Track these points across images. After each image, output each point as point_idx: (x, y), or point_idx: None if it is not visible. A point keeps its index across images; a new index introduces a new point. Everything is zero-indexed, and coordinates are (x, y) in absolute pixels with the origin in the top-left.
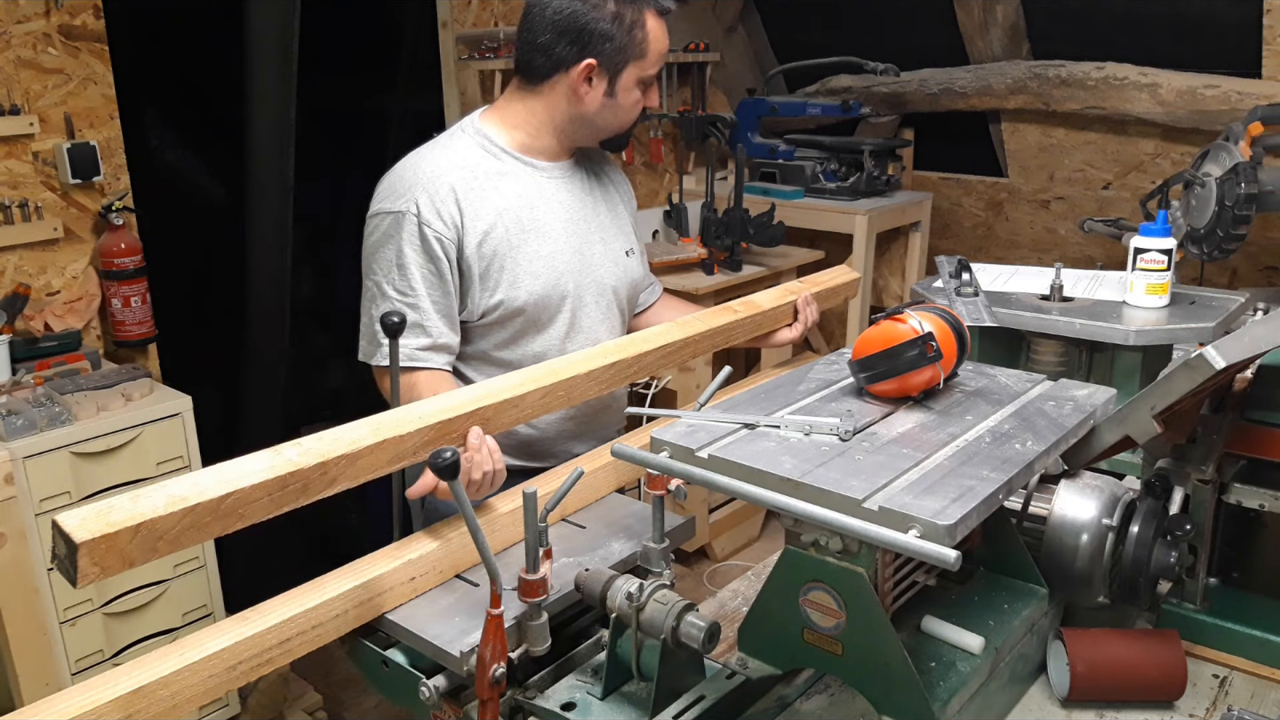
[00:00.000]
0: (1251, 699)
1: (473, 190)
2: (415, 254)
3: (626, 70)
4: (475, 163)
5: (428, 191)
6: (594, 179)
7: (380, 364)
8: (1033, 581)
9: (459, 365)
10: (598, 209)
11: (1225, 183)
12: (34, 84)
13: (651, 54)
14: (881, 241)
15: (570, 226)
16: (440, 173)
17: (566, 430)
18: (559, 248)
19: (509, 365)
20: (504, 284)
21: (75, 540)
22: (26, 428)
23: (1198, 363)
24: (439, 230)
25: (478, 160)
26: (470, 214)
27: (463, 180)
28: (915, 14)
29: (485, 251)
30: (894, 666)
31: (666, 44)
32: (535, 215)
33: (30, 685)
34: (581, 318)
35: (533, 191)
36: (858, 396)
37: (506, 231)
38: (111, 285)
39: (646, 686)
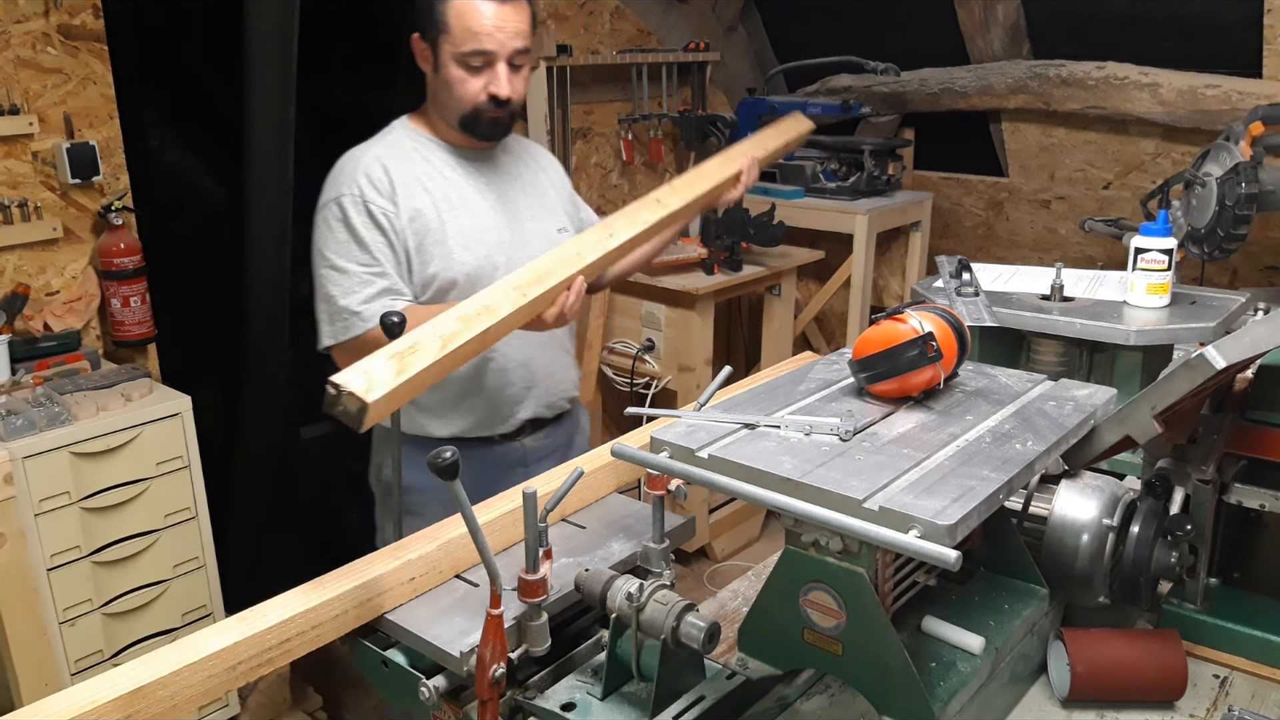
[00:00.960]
0: (1252, 699)
1: (403, 171)
2: (367, 230)
3: (441, 47)
4: (404, 151)
5: (365, 174)
6: (520, 164)
7: (354, 335)
8: (1033, 582)
9: None
10: (526, 190)
11: (1226, 182)
12: (33, 84)
13: (456, 30)
14: (882, 241)
15: (499, 205)
16: (373, 159)
17: (513, 395)
18: (489, 224)
19: None
20: (438, 256)
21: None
22: (26, 428)
23: (1198, 363)
24: (381, 205)
25: (407, 149)
26: (403, 192)
27: (393, 163)
28: (915, 14)
29: (419, 226)
30: (894, 667)
31: (483, 24)
32: (462, 194)
33: (30, 685)
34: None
35: (458, 173)
36: (858, 396)
37: (437, 208)
38: (111, 285)
39: (646, 687)
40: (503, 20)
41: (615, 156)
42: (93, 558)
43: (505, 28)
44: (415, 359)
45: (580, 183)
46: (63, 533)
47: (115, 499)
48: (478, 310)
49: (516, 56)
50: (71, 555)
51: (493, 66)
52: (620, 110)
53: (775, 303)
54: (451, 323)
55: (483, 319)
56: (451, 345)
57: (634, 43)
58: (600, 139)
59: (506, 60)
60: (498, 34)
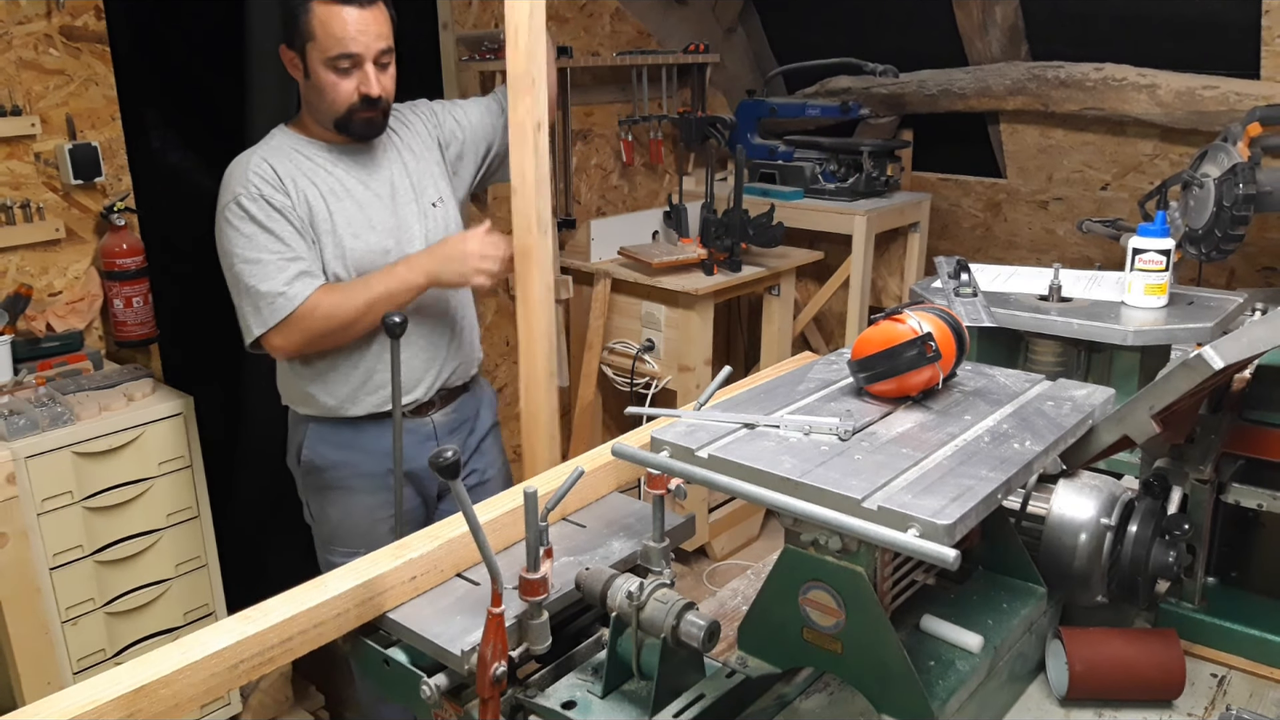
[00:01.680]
0: (1250, 698)
1: (289, 168)
2: (271, 220)
3: (309, 54)
4: (286, 152)
5: (254, 173)
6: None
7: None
8: (1031, 581)
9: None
10: (403, 172)
11: (1223, 183)
12: (35, 85)
13: (322, 37)
14: (880, 242)
15: (382, 191)
16: (262, 159)
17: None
18: (374, 212)
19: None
20: (329, 246)
21: None
22: (28, 428)
23: (1196, 363)
24: (278, 198)
25: (288, 150)
26: (292, 186)
27: (278, 162)
28: (914, 15)
29: (312, 217)
30: (893, 665)
31: (346, 29)
32: (346, 186)
33: (32, 684)
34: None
35: (339, 168)
36: (857, 396)
37: (324, 200)
38: (113, 286)
39: (646, 685)
40: (364, 24)
41: (615, 158)
42: (95, 557)
43: (368, 30)
44: None
45: (580, 184)
46: (65, 532)
47: (117, 498)
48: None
49: (382, 56)
50: (74, 554)
51: (361, 68)
52: (620, 112)
53: (774, 303)
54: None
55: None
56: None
57: (634, 44)
58: (600, 140)
59: (373, 60)
60: (361, 37)
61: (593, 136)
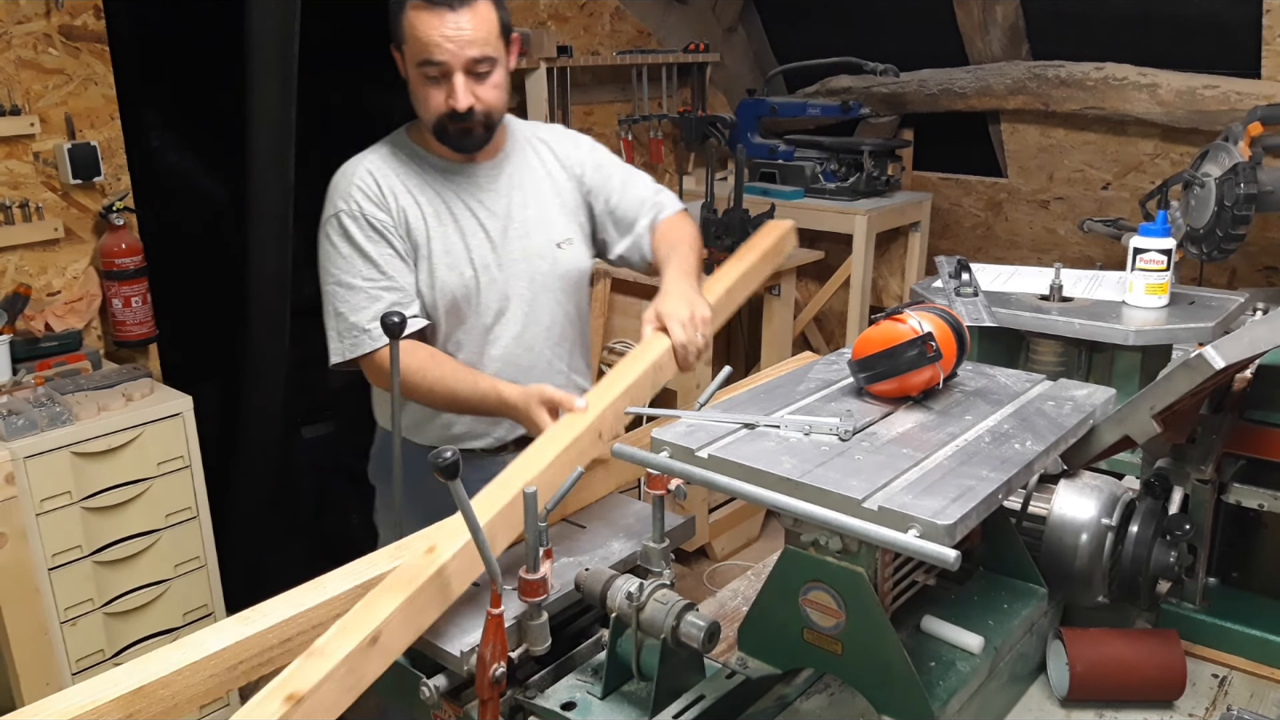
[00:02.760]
0: (1251, 699)
1: (394, 183)
2: (370, 242)
3: (405, 58)
4: (396, 164)
5: (359, 187)
6: (523, 172)
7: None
8: (1032, 581)
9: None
10: (526, 203)
11: (1224, 183)
12: (35, 84)
13: (411, 40)
14: (881, 242)
15: (491, 222)
16: (368, 170)
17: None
18: (476, 242)
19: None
20: (423, 274)
21: None
22: (27, 428)
23: (1197, 363)
24: (380, 218)
25: (399, 161)
26: (395, 205)
27: (384, 175)
28: (915, 14)
29: (411, 238)
30: (893, 666)
31: (432, 34)
32: (451, 210)
33: (31, 685)
34: (504, 311)
35: (448, 188)
36: (857, 396)
37: (425, 223)
38: (112, 285)
39: (646, 686)
40: (455, 29)
41: None
42: (94, 557)
43: (458, 37)
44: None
45: None
46: (64, 532)
47: (116, 499)
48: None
49: (477, 65)
50: (73, 555)
51: (449, 77)
52: (620, 111)
53: (775, 303)
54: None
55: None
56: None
57: (634, 44)
58: (600, 139)
59: (464, 70)
60: (447, 44)
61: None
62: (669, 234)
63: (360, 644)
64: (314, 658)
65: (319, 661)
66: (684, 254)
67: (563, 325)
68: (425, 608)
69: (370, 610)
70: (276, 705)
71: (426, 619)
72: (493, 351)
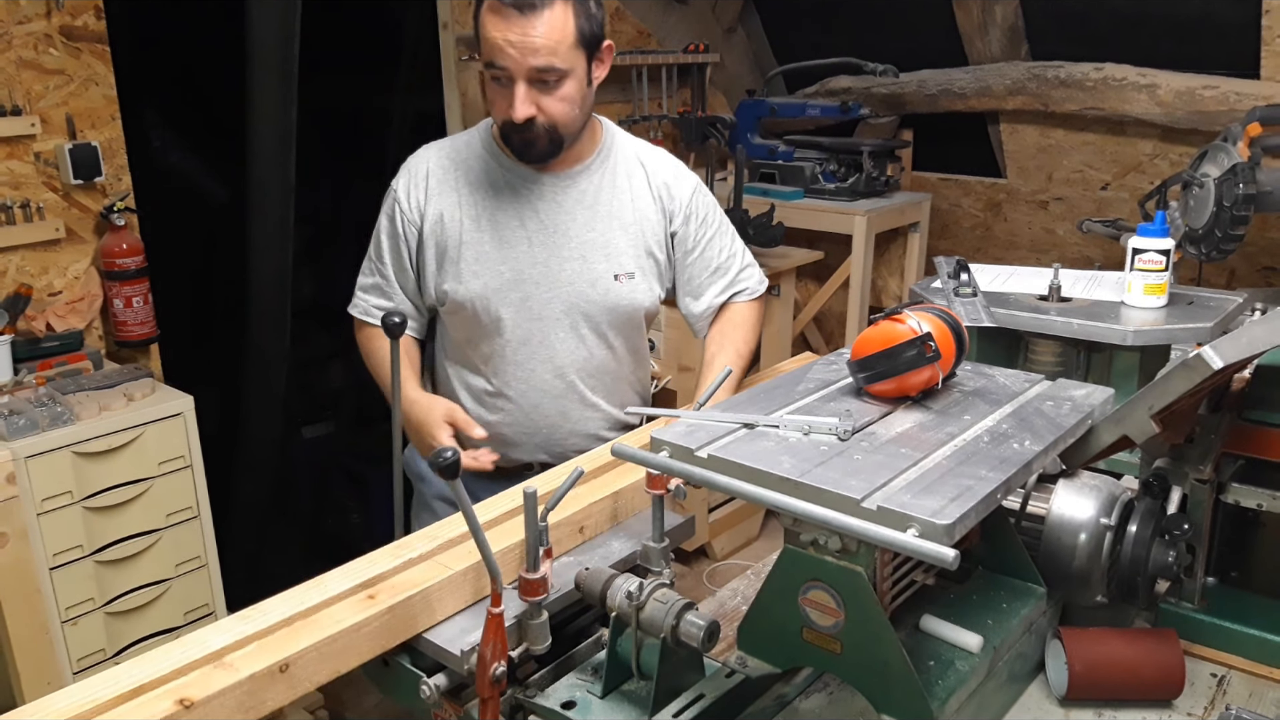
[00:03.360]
0: (1249, 698)
1: (447, 178)
2: (388, 227)
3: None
4: (466, 156)
5: (411, 174)
6: (605, 194)
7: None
8: (1031, 581)
9: (443, 357)
10: (591, 224)
11: (1223, 183)
12: (35, 85)
13: (482, 40)
14: (880, 242)
15: (540, 237)
16: (430, 158)
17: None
18: (513, 254)
19: (470, 361)
20: (450, 275)
21: None
22: (28, 428)
23: (1195, 363)
24: (406, 211)
25: (471, 154)
26: (435, 198)
27: (442, 167)
28: (914, 15)
29: (441, 238)
30: (892, 665)
31: (496, 37)
32: (499, 216)
33: (31, 685)
34: (534, 332)
35: (507, 192)
36: (856, 396)
37: (462, 224)
38: (113, 285)
39: (646, 685)
40: (522, 33)
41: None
42: (95, 557)
43: (523, 43)
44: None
45: None
46: (65, 532)
47: (117, 498)
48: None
49: (542, 74)
50: (73, 555)
51: (514, 83)
52: (620, 111)
53: (774, 303)
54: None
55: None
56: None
57: (634, 44)
58: None
59: (526, 79)
60: (510, 49)
61: None
62: (729, 328)
63: (269, 667)
64: (220, 669)
65: (223, 674)
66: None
67: (606, 360)
68: (346, 651)
69: (291, 638)
70: (167, 705)
71: (346, 662)
72: (519, 373)
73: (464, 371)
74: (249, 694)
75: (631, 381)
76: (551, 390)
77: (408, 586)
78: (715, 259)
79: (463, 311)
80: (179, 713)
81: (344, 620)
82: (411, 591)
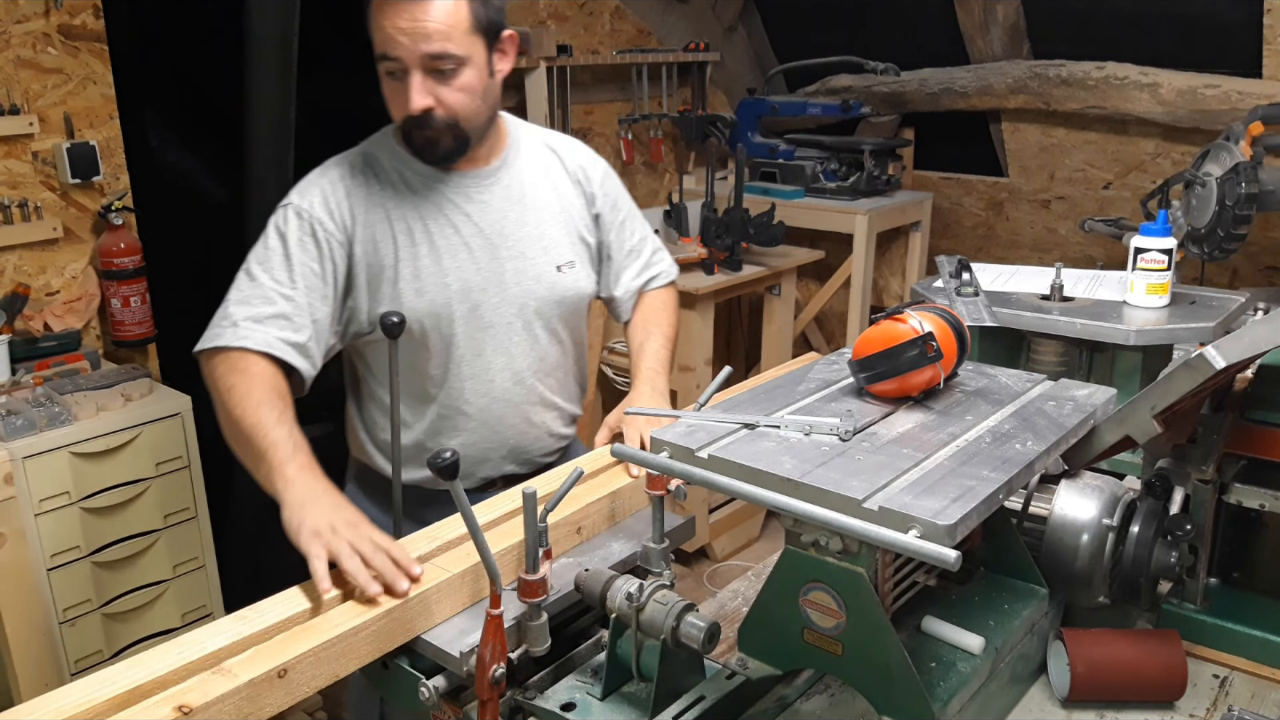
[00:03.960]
0: (1252, 699)
1: (367, 196)
2: (301, 250)
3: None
4: (378, 169)
5: (323, 191)
6: (530, 185)
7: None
8: (1033, 581)
9: (376, 388)
10: (524, 219)
11: (1226, 182)
12: (33, 84)
13: (375, 37)
14: (882, 241)
15: (478, 241)
16: (341, 176)
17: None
18: (456, 263)
19: (414, 388)
20: (388, 298)
21: None
22: (26, 428)
23: (1198, 362)
24: (327, 230)
25: (383, 165)
26: (363, 220)
27: (357, 182)
28: (915, 14)
29: (374, 260)
30: (894, 667)
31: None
32: (433, 226)
33: (30, 685)
34: (487, 341)
35: (434, 200)
36: (858, 396)
37: (395, 241)
38: (111, 285)
39: (646, 687)
40: (412, 19)
41: (615, 156)
42: (93, 558)
43: (414, 29)
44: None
45: None
46: (63, 533)
47: (115, 499)
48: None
49: (436, 63)
50: (71, 555)
51: (407, 75)
52: (620, 110)
53: (775, 303)
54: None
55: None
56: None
57: (634, 43)
58: (600, 139)
59: (421, 68)
60: (401, 37)
61: (592, 135)
62: (651, 313)
63: (268, 673)
64: (218, 675)
65: (222, 680)
66: (659, 346)
67: (558, 355)
68: (344, 655)
69: (289, 642)
70: (166, 712)
71: (344, 666)
72: (478, 386)
73: (407, 401)
74: (247, 700)
75: (575, 373)
76: (513, 397)
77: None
78: (629, 241)
79: (404, 335)
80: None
81: (342, 624)
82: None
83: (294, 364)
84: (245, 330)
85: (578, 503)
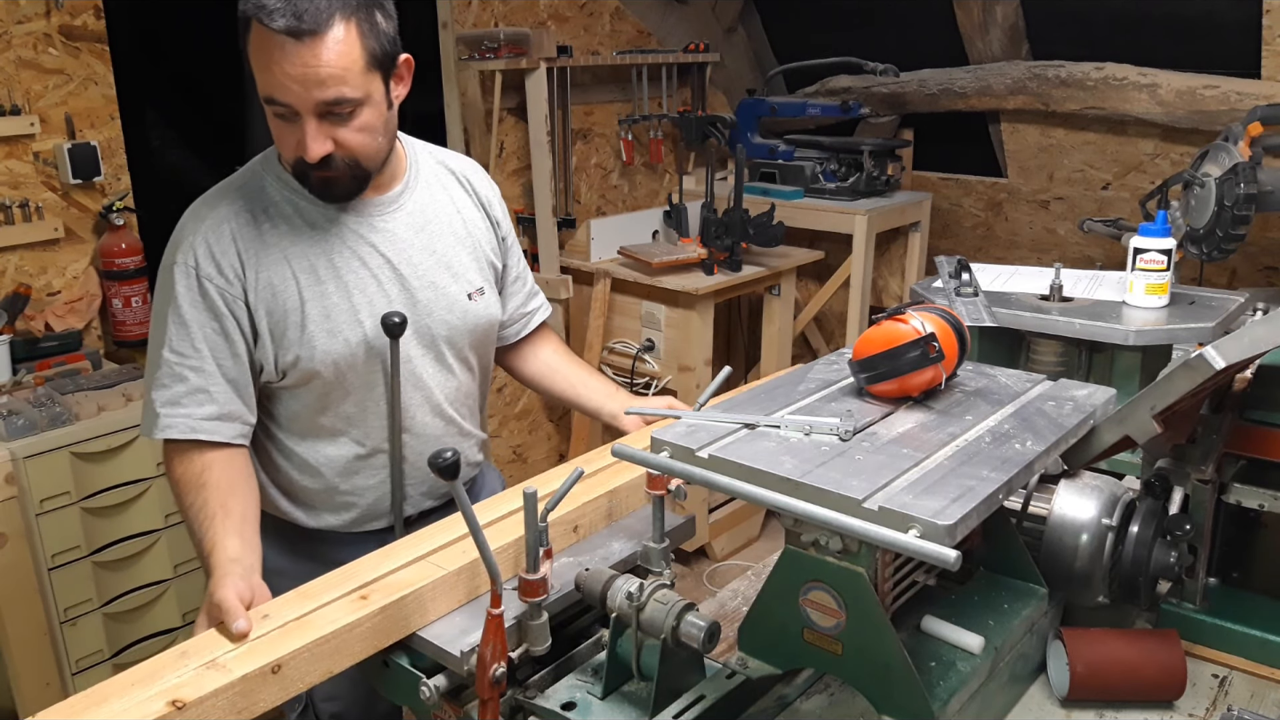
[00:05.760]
0: (1251, 699)
1: (257, 238)
2: (196, 311)
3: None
4: (265, 206)
5: (207, 241)
6: (433, 209)
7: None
8: (1032, 581)
9: (279, 433)
10: (431, 247)
11: (1224, 183)
12: (35, 84)
13: (258, 77)
14: (881, 242)
15: (386, 273)
16: (224, 218)
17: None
18: (367, 298)
19: (325, 430)
20: (296, 343)
21: None
22: (27, 428)
23: (1197, 363)
24: (223, 285)
25: (269, 202)
26: (254, 264)
27: (244, 222)
28: (915, 15)
29: (276, 306)
30: (894, 666)
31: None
32: (336, 263)
33: (30, 685)
34: (407, 375)
35: (334, 234)
36: (858, 396)
37: (298, 282)
38: (112, 285)
39: (646, 686)
40: (303, 65)
41: (615, 157)
42: (94, 558)
43: (305, 75)
44: None
45: (580, 183)
46: (64, 533)
47: (116, 499)
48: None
49: (335, 107)
50: (73, 555)
51: (297, 120)
52: (620, 111)
53: (775, 303)
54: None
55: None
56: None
57: (634, 44)
58: (600, 140)
59: (315, 114)
60: (291, 85)
61: (593, 136)
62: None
63: (262, 668)
64: (212, 670)
65: (215, 675)
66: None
67: (468, 383)
68: (338, 651)
69: (283, 638)
70: (159, 706)
71: (338, 663)
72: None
73: (317, 445)
74: (241, 694)
75: (480, 399)
76: (433, 431)
77: (400, 586)
78: (515, 267)
79: (317, 379)
80: (171, 714)
81: (336, 620)
82: (404, 591)
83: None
84: (166, 419)
85: (575, 502)
